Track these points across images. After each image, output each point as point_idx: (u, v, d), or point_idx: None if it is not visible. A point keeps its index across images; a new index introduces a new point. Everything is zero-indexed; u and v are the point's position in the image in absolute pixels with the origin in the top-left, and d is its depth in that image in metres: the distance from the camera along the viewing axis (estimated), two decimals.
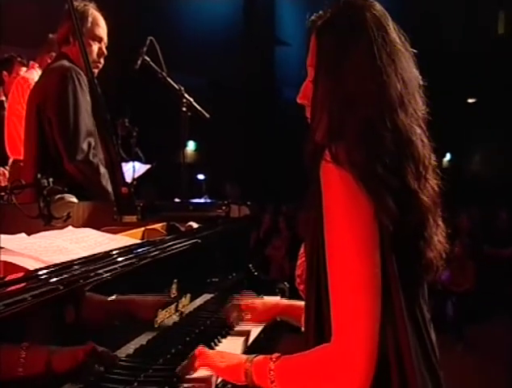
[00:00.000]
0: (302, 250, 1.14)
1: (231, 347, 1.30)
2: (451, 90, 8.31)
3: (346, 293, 0.85)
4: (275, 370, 0.92)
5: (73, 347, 0.88)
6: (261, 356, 0.97)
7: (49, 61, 2.82)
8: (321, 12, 1.00)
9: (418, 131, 0.93)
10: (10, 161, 2.86)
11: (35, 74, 2.87)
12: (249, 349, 1.34)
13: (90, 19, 2.00)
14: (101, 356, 0.94)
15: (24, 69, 3.03)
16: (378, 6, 0.98)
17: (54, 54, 2.80)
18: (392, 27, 0.97)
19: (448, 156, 10.05)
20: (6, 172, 2.86)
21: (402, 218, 0.87)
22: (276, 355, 0.95)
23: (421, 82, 0.98)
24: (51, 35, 2.81)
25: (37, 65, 2.92)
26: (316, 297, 0.94)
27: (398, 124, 0.90)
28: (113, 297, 1.00)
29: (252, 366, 0.95)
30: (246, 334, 1.40)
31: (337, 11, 0.98)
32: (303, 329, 1.01)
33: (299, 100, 1.03)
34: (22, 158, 2.69)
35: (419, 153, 0.92)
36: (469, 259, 4.96)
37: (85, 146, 1.87)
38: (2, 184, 2.74)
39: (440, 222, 0.99)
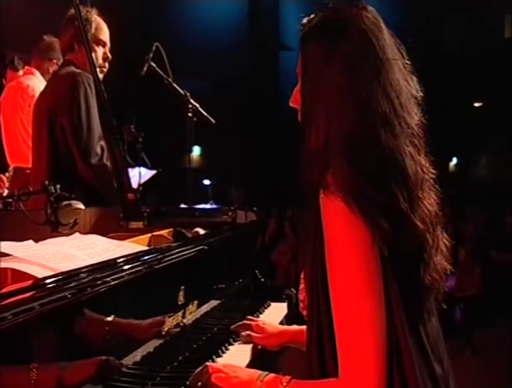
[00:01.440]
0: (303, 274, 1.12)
1: (238, 354, 1.29)
2: (458, 93, 8.28)
3: (353, 330, 0.84)
4: None
5: (82, 360, 0.88)
6: (272, 376, 0.97)
7: (51, 69, 2.75)
8: (312, 16, 0.96)
9: (408, 149, 0.89)
10: (11, 168, 2.80)
11: (36, 81, 2.79)
12: (256, 357, 1.33)
13: (93, 25, 2.02)
14: (109, 366, 0.94)
15: (20, 73, 2.90)
16: (370, 14, 0.93)
17: (55, 61, 2.71)
18: (383, 36, 0.92)
19: (454, 160, 10.00)
20: (5, 178, 2.81)
21: (397, 241, 0.85)
22: (286, 378, 0.95)
23: (415, 94, 0.94)
24: (46, 38, 2.76)
25: (36, 70, 2.82)
26: (317, 326, 0.92)
27: (382, 143, 0.86)
28: (121, 305, 1.00)
29: (263, 386, 0.96)
30: None
31: (324, 19, 0.94)
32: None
33: (291, 104, 1.02)
34: (29, 165, 2.68)
35: (408, 173, 0.88)
36: (475, 263, 4.93)
37: (98, 150, 1.89)
38: (0, 191, 2.71)
39: (442, 240, 0.95)
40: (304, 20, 0.97)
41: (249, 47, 9.70)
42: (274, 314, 1.63)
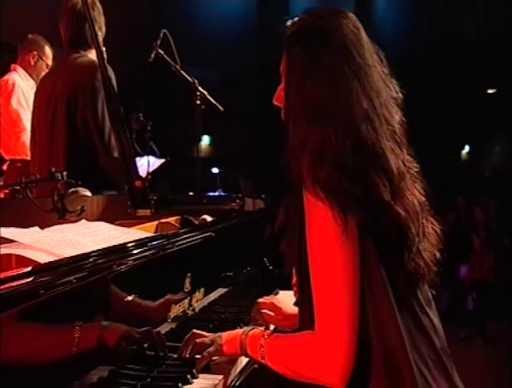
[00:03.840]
0: None
1: None
2: (471, 80, 8.12)
3: (328, 288, 0.90)
4: (265, 347, 0.98)
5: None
6: (256, 330, 1.04)
7: (32, 60, 2.96)
8: (296, 19, 1.03)
9: (389, 143, 0.94)
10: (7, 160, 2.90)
11: (16, 76, 2.95)
12: None
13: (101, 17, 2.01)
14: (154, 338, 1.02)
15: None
16: (350, 23, 0.99)
17: (36, 53, 2.93)
18: (362, 44, 0.98)
19: (467, 148, 9.86)
20: None
21: (377, 229, 0.90)
22: (268, 331, 1.02)
23: (395, 95, 1.00)
24: (30, 36, 2.96)
25: (18, 66, 2.99)
26: (309, 305, 0.95)
27: (362, 137, 0.91)
28: (126, 291, 0.99)
29: (246, 339, 1.02)
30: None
31: (308, 25, 1.00)
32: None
33: (274, 101, 1.06)
34: (17, 156, 2.77)
35: (390, 165, 0.92)
36: (488, 252, 4.88)
37: None
38: None
39: (429, 228, 0.99)
40: (289, 23, 1.03)
41: (258, 35, 9.62)
42: (281, 300, 1.62)
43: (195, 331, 1.11)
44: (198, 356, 1.06)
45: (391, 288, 0.91)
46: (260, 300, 1.37)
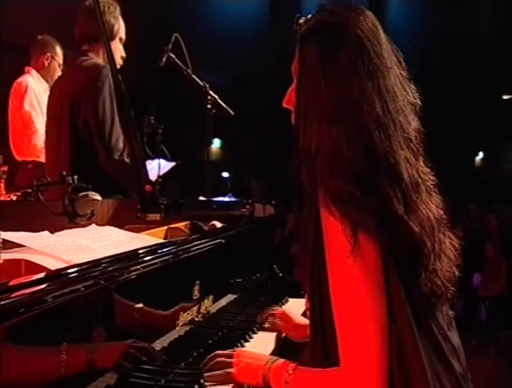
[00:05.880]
0: None
1: (255, 350, 1.26)
2: (486, 86, 8.03)
3: (355, 321, 0.84)
4: (290, 383, 0.92)
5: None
6: (279, 363, 0.97)
7: (46, 62, 3.00)
8: (309, 16, 0.97)
9: (403, 152, 0.88)
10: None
11: (29, 78, 2.99)
12: (277, 348, 1.31)
13: (119, 21, 2.01)
14: (144, 352, 0.97)
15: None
16: (368, 20, 0.93)
17: (49, 54, 2.99)
18: (380, 43, 0.92)
19: (481, 154, 9.73)
20: None
21: (391, 244, 0.84)
22: (292, 366, 0.94)
23: (413, 101, 0.94)
24: (39, 37, 3.02)
25: (32, 68, 3.03)
26: (320, 321, 0.92)
27: (373, 144, 0.86)
28: (134, 298, 0.98)
29: (270, 372, 0.96)
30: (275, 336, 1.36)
31: (322, 22, 0.94)
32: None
33: (284, 104, 1.01)
34: (28, 158, 2.80)
35: (403, 176, 0.87)
36: (502, 260, 4.80)
37: (121, 145, 1.90)
38: None
39: (447, 244, 0.93)
40: (301, 20, 0.98)
41: (271, 38, 9.62)
42: (292, 310, 1.60)
43: (218, 352, 1.06)
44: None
45: (410, 312, 0.85)
46: (271, 312, 1.37)
